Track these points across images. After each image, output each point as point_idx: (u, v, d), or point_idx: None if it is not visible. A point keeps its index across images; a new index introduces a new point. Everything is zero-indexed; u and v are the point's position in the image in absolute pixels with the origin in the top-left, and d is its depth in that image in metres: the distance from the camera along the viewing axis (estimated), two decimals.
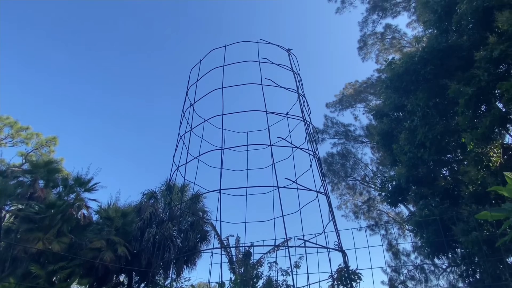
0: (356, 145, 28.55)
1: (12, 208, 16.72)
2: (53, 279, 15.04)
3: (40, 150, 29.70)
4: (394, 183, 10.94)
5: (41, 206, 16.09)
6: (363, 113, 28.18)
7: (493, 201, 7.05)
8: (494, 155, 7.81)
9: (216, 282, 3.04)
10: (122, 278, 19.03)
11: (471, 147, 7.60)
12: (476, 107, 7.68)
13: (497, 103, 8.18)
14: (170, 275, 17.17)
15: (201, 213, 20.24)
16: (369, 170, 28.14)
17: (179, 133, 2.55)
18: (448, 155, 10.53)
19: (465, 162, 9.12)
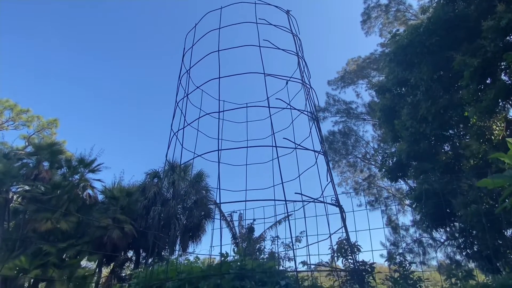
0: (358, 123, 28.38)
1: (18, 189, 17.04)
2: (64, 256, 15.63)
3: (42, 133, 29.78)
4: (395, 159, 10.95)
5: (47, 186, 16.39)
6: (366, 90, 27.74)
7: (494, 174, 7.01)
8: (497, 128, 7.71)
9: (220, 253, 3.13)
10: (130, 254, 19.77)
11: (474, 120, 7.49)
12: (481, 80, 7.48)
13: (502, 75, 7.97)
14: (176, 250, 17.75)
15: (204, 192, 20.60)
16: (370, 148, 28.16)
17: (176, 101, 2.49)
18: (450, 130, 10.44)
19: (467, 137, 9.05)
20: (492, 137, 7.51)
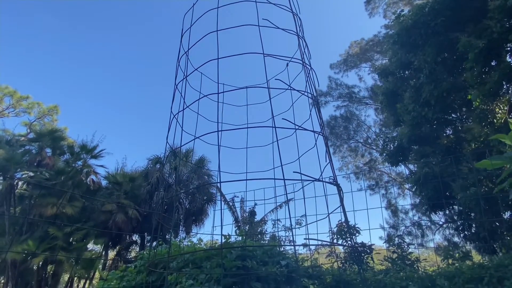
0: (360, 107, 28.17)
1: (23, 175, 17.27)
2: (70, 240, 16.06)
3: (43, 119, 29.81)
4: (396, 143, 10.94)
5: (50, 172, 16.60)
6: (368, 73, 27.34)
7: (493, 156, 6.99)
8: (500, 111, 7.65)
9: (220, 233, 3.21)
10: (135, 238, 20.27)
11: (477, 103, 7.42)
12: (486, 62, 7.34)
13: (507, 57, 7.81)
14: (180, 233, 18.16)
15: (206, 177, 20.83)
16: (371, 132, 28.10)
17: (175, 83, 2.47)
18: (453, 114, 10.36)
19: (470, 120, 8.99)
20: (495, 120, 7.46)
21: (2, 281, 16.54)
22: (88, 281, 17.51)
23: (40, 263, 15.19)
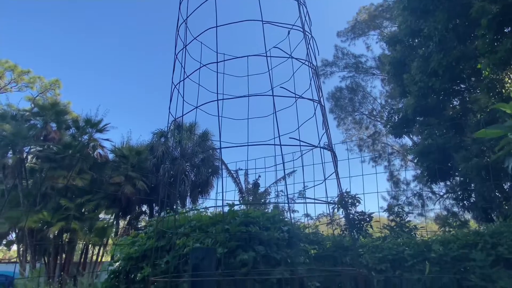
0: (366, 78, 27.50)
1: (31, 149, 17.66)
2: (83, 210, 16.78)
3: (45, 94, 29.76)
4: (401, 114, 10.84)
5: (58, 147, 16.94)
6: (377, 42, 26.27)
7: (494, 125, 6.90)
8: (509, 81, 7.43)
9: (227, 204, 3.37)
10: (144, 208, 21.10)
11: (487, 73, 7.19)
12: (499, 29, 6.99)
13: None
14: (187, 204, 18.82)
15: (210, 151, 21.11)
16: (377, 104, 27.68)
17: (175, 53, 2.44)
18: (461, 85, 10.11)
19: (478, 91, 8.79)
20: (503, 90, 7.29)
21: (22, 249, 17.60)
22: (102, 248, 18.58)
23: (56, 232, 16.02)
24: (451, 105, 10.12)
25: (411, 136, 18.67)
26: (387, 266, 4.94)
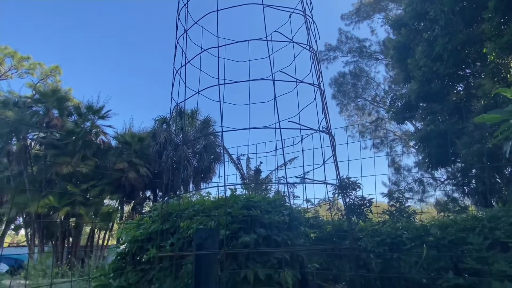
0: (370, 63, 27.06)
1: (34, 136, 17.82)
2: (88, 196, 17.11)
3: (46, 80, 29.67)
4: (404, 100, 10.75)
5: (61, 133, 17.07)
6: (381, 25, 25.65)
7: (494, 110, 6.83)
8: None
9: (229, 188, 3.46)
10: (147, 194, 21.47)
11: (492, 57, 7.06)
12: (507, 11, 6.80)
13: None
14: (190, 189, 19.10)
15: (212, 137, 21.19)
16: (380, 90, 27.37)
17: (176, 38, 2.42)
18: (466, 70, 9.95)
19: (483, 76, 8.66)
20: (508, 75, 7.17)
21: (29, 233, 18.10)
22: (107, 232, 19.06)
23: (63, 216, 16.43)
24: (455, 91, 10.01)
25: (414, 122, 18.57)
26: (385, 249, 5.05)
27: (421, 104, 10.53)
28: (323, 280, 4.46)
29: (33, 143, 18.27)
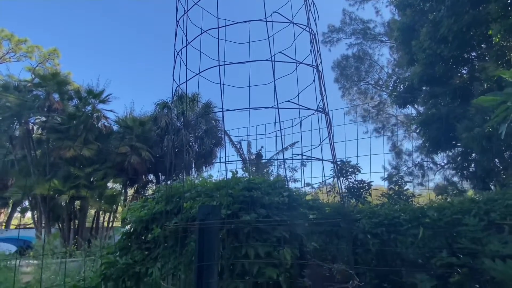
0: (374, 45, 26.50)
1: (36, 120, 17.87)
2: (91, 179, 17.38)
3: (45, 64, 29.38)
4: (406, 83, 10.64)
5: (63, 117, 17.11)
6: (387, 6, 24.89)
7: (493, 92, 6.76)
8: None
9: (230, 171, 3.54)
10: (150, 177, 21.77)
11: (497, 39, 6.91)
12: None
13: None
14: (191, 173, 19.33)
15: (213, 122, 21.20)
16: (384, 73, 26.98)
17: (176, 19, 2.40)
18: (471, 53, 9.77)
19: (487, 59, 8.51)
20: None
21: (36, 215, 18.55)
22: (112, 214, 19.52)
23: (68, 199, 16.77)
24: (458, 74, 9.87)
25: (416, 106, 18.45)
26: (382, 230, 5.19)
27: (424, 88, 10.42)
28: (321, 259, 4.62)
29: (35, 127, 18.36)
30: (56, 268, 6.95)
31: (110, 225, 19.63)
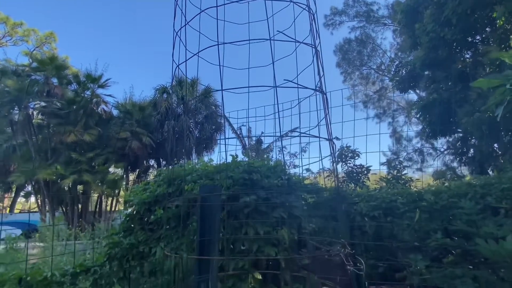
0: (377, 29, 25.96)
1: (35, 105, 17.80)
2: (93, 164, 17.53)
3: (42, 48, 28.93)
4: (408, 68, 10.51)
5: (62, 102, 17.04)
6: None
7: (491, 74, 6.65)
8: None
9: (231, 155, 3.58)
10: (151, 162, 21.94)
11: (501, 22, 6.76)
12: None
13: None
14: (192, 158, 19.46)
15: (213, 107, 21.11)
16: (386, 58, 26.58)
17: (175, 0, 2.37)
18: (476, 36, 9.58)
19: (491, 43, 8.36)
20: None
21: (39, 199, 18.84)
22: (114, 198, 19.83)
23: (70, 184, 16.98)
24: (461, 58, 9.73)
25: (418, 92, 18.30)
26: (379, 213, 5.28)
27: (426, 72, 10.31)
28: (319, 240, 4.75)
29: (34, 113, 18.32)
30: (61, 249, 7.15)
31: (113, 209, 19.98)
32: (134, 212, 3.95)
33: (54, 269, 3.37)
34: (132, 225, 4.00)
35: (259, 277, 2.75)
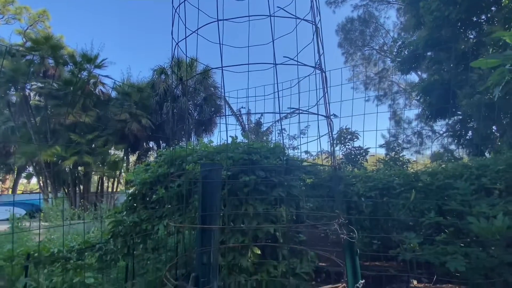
0: (381, 7, 25.20)
1: (32, 86, 17.58)
2: (93, 146, 17.60)
3: (35, 26, 28.10)
4: (411, 48, 10.31)
5: (59, 83, 16.82)
6: None
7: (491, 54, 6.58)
8: None
9: (230, 136, 3.63)
10: (151, 144, 22.02)
11: (507, 1, 6.57)
12: None
13: None
14: (192, 140, 19.54)
15: (212, 89, 20.88)
16: (389, 38, 25.98)
17: None
18: (481, 16, 9.32)
19: (496, 23, 8.16)
20: None
21: (41, 180, 19.07)
22: (115, 180, 20.08)
23: (71, 165, 17.13)
24: (465, 39, 9.53)
25: (419, 73, 18.05)
26: (376, 194, 5.42)
27: (429, 53, 10.13)
28: (316, 219, 4.89)
29: (31, 94, 18.13)
30: (66, 229, 7.36)
31: (114, 190, 20.28)
32: (136, 191, 4.04)
33: (60, 246, 3.51)
34: (135, 204, 4.10)
35: (258, 251, 2.88)
